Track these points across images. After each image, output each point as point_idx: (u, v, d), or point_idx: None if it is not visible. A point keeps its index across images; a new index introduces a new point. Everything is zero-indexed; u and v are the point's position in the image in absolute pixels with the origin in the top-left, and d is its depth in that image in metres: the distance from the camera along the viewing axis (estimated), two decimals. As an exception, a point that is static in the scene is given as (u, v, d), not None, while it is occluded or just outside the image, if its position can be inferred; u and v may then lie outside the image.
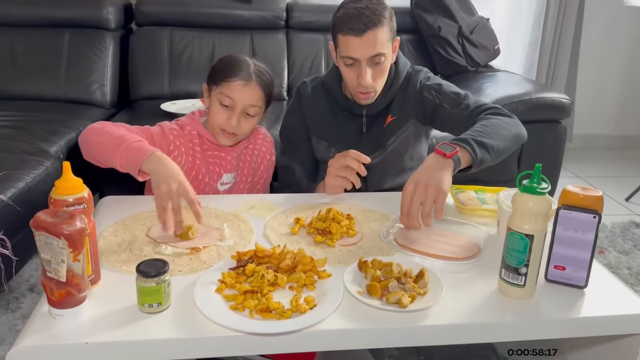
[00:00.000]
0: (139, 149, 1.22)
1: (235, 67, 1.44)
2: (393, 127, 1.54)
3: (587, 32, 3.52)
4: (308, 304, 0.92)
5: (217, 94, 1.44)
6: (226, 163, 1.53)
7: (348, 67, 1.44)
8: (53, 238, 0.83)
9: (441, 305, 0.95)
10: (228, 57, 1.49)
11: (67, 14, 2.64)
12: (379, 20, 1.36)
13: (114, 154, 1.23)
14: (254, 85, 1.43)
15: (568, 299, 1.00)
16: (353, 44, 1.38)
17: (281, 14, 2.82)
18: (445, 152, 1.21)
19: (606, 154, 3.74)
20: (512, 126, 1.37)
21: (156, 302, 0.90)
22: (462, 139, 1.27)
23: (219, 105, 1.44)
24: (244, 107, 1.44)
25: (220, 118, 1.44)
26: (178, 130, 1.48)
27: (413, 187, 1.16)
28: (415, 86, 1.53)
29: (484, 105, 1.45)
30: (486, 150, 1.27)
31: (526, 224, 0.94)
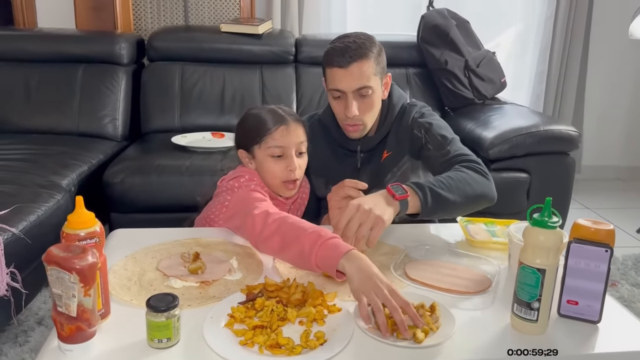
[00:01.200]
0: (336, 245, 1.07)
1: (265, 118, 1.41)
2: (389, 163, 1.55)
3: (593, 64, 3.55)
4: (318, 339, 0.92)
5: (265, 151, 1.40)
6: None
7: (336, 100, 1.46)
8: (65, 273, 0.83)
9: (453, 341, 0.94)
10: (250, 114, 1.45)
11: (81, 49, 2.71)
12: (364, 54, 1.40)
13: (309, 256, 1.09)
14: (292, 124, 1.41)
15: (582, 334, 0.98)
16: (339, 76, 1.41)
17: (290, 49, 2.87)
18: (395, 194, 1.20)
19: (615, 185, 3.72)
20: (479, 185, 1.34)
21: (166, 337, 0.89)
22: (419, 184, 1.25)
23: (271, 160, 1.40)
24: (297, 148, 1.41)
25: (278, 170, 1.40)
26: (257, 181, 1.42)
27: (356, 207, 1.14)
28: (407, 121, 1.54)
29: (463, 156, 1.43)
30: (439, 203, 1.24)
31: (538, 258, 0.94)
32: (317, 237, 1.10)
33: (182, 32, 2.88)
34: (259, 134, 1.40)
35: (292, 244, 1.14)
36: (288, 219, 1.20)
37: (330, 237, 1.10)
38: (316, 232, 1.11)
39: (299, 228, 1.15)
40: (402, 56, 2.94)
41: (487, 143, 2.31)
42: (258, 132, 1.41)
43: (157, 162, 2.23)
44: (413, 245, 1.29)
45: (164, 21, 3.02)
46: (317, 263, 1.09)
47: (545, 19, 3.40)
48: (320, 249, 1.08)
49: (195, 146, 2.38)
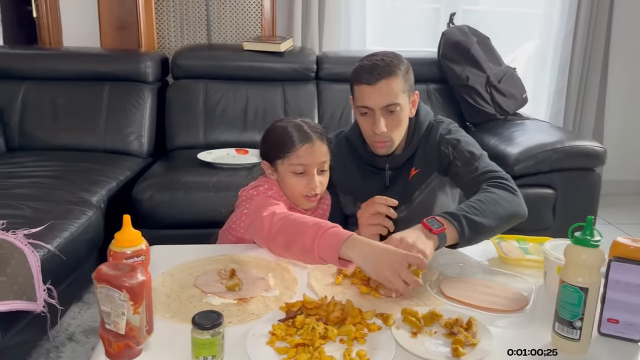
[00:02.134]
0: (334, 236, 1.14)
1: (291, 134, 1.42)
2: (417, 180, 1.55)
3: (613, 78, 3.54)
4: (361, 358, 0.92)
5: (287, 167, 1.42)
6: None
7: (363, 117, 1.48)
8: (115, 290, 0.85)
9: (493, 358, 0.94)
10: (277, 127, 1.47)
11: (108, 68, 2.76)
12: (392, 71, 1.43)
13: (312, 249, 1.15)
14: (317, 142, 1.42)
15: (623, 353, 0.98)
16: (367, 93, 1.43)
17: (312, 66, 2.90)
18: (432, 228, 1.19)
19: (636, 200, 3.69)
20: (510, 204, 1.34)
21: (211, 355, 0.90)
22: (453, 214, 1.24)
23: (293, 176, 1.42)
24: (319, 166, 1.43)
25: (300, 186, 1.42)
26: (275, 190, 1.44)
27: (399, 241, 1.14)
28: (435, 138, 1.54)
29: (492, 172, 1.43)
30: (476, 230, 1.24)
31: (580, 277, 0.94)
32: (317, 229, 1.15)
33: (205, 50, 2.93)
34: (283, 150, 1.42)
35: (295, 240, 1.19)
36: (291, 216, 1.24)
37: (330, 227, 1.15)
38: (316, 224, 1.16)
39: (301, 223, 1.20)
40: (423, 72, 2.94)
41: (512, 159, 2.31)
42: (282, 148, 1.42)
43: (185, 178, 2.26)
44: (446, 262, 1.29)
45: (187, 40, 3.07)
46: (320, 254, 1.14)
47: (564, 35, 3.40)
48: (321, 240, 1.13)
49: (221, 162, 2.40)
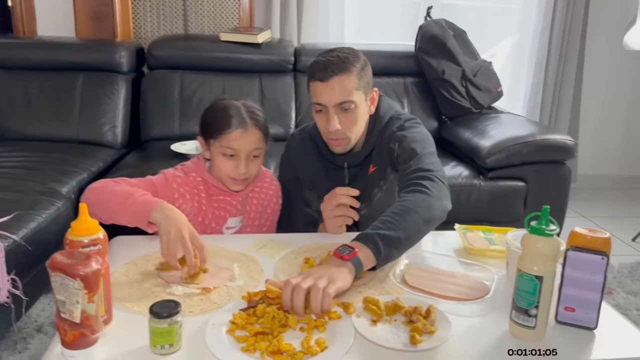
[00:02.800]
0: (144, 202, 1.24)
1: (227, 116, 1.43)
2: (376, 178, 1.54)
3: (589, 74, 3.59)
4: (319, 345, 0.93)
5: (218, 147, 1.44)
6: (231, 207, 1.53)
7: (318, 114, 1.45)
8: (69, 279, 0.84)
9: (452, 347, 0.96)
10: (216, 106, 1.49)
11: (81, 57, 2.72)
12: (346, 68, 1.38)
13: (121, 210, 1.25)
14: (251, 129, 1.44)
15: (579, 341, 1.00)
16: (319, 90, 1.40)
17: (289, 58, 2.89)
18: (343, 255, 1.09)
19: (611, 194, 3.75)
20: (426, 210, 1.25)
21: (168, 344, 0.90)
22: (366, 235, 1.15)
23: (222, 157, 1.45)
24: (249, 152, 1.45)
25: (227, 168, 1.45)
26: (182, 177, 1.48)
27: (292, 287, 1.02)
28: (387, 134, 1.52)
29: (417, 172, 1.35)
30: (393, 245, 1.16)
31: (535, 266, 0.95)
32: (127, 196, 1.25)
33: (181, 40, 2.90)
34: (217, 131, 1.44)
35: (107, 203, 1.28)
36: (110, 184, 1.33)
37: (141, 194, 1.26)
38: (128, 192, 1.27)
39: (111, 191, 1.30)
40: (400, 66, 2.96)
41: (485, 152, 2.33)
42: (216, 128, 1.44)
43: (157, 169, 2.21)
44: (412, 252, 1.30)
45: (163, 30, 3.04)
46: (128, 219, 1.25)
47: (541, 30, 3.43)
48: (131, 206, 1.23)
49: (194, 154, 2.38)
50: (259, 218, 1.60)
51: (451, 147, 2.70)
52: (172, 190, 1.45)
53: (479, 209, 2.32)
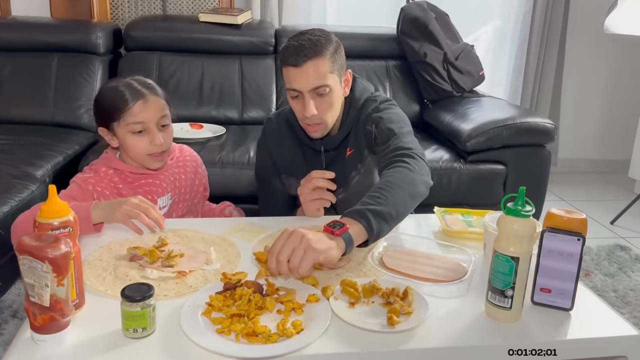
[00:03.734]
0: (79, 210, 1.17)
1: (122, 94, 1.41)
2: (353, 161, 1.52)
3: (570, 58, 3.60)
4: (295, 328, 0.92)
5: (124, 127, 1.41)
6: (157, 187, 1.50)
7: (294, 100, 1.43)
8: (37, 262, 0.82)
9: (429, 327, 0.96)
10: (106, 90, 1.45)
11: (56, 38, 2.65)
12: (319, 51, 1.36)
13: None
14: (151, 98, 1.42)
15: (554, 322, 1.00)
16: (293, 75, 1.38)
17: (270, 40, 2.85)
18: (334, 230, 1.07)
19: (591, 178, 3.79)
20: (410, 185, 1.24)
21: (141, 327, 0.89)
22: (357, 210, 1.13)
23: (133, 136, 1.41)
24: (157, 122, 1.42)
25: (142, 146, 1.42)
26: (94, 176, 1.44)
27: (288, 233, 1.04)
28: (363, 117, 1.51)
29: (398, 150, 1.35)
30: (384, 220, 1.13)
31: (511, 247, 0.95)
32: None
33: (159, 21, 2.84)
34: (117, 111, 1.40)
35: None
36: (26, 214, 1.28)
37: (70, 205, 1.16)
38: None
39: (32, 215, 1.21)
40: (382, 48, 2.94)
41: (465, 135, 2.33)
42: (116, 109, 1.40)
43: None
44: (391, 235, 1.29)
45: (141, 10, 2.98)
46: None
47: (523, 14, 3.43)
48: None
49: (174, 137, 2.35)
50: (190, 192, 1.59)
51: (432, 131, 2.70)
52: (89, 194, 1.41)
53: (459, 192, 2.33)
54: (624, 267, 2.42)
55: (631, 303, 2.13)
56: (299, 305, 0.99)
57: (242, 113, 2.75)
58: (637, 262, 2.48)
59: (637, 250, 2.63)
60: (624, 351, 0.98)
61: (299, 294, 1.02)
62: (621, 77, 3.74)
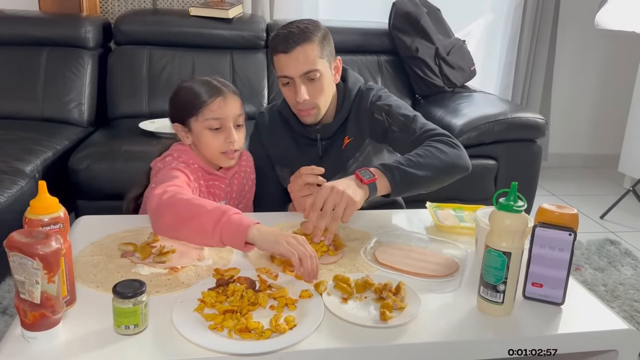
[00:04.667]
0: (239, 221, 1.09)
1: (203, 90, 1.39)
2: (351, 149, 1.54)
3: (560, 53, 3.62)
4: (288, 323, 0.92)
5: (202, 123, 1.38)
6: (220, 191, 1.49)
7: (286, 87, 1.45)
8: (27, 259, 0.81)
9: (422, 322, 0.96)
10: (185, 87, 1.42)
11: (45, 32, 2.63)
12: (307, 37, 1.40)
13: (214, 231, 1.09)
14: (230, 95, 1.40)
15: (546, 316, 1.01)
16: (284, 61, 1.41)
17: (261, 34, 2.84)
18: (363, 178, 1.24)
19: (581, 173, 3.81)
20: (449, 157, 1.35)
21: (133, 324, 0.88)
22: (387, 165, 1.28)
23: (209, 132, 1.38)
24: (235, 120, 1.40)
25: (218, 143, 1.39)
26: (185, 168, 1.39)
27: (330, 189, 1.19)
28: (366, 105, 1.53)
29: (430, 131, 1.43)
30: (408, 181, 1.27)
31: (503, 242, 0.95)
32: (221, 213, 1.09)
33: (150, 15, 2.82)
34: (196, 106, 1.38)
35: (190, 221, 1.11)
36: (183, 195, 1.17)
37: (234, 213, 1.11)
38: (219, 208, 1.11)
39: (197, 205, 1.13)
40: (374, 43, 2.94)
41: (456, 130, 2.33)
42: (195, 105, 1.38)
43: (124, 147, 2.19)
44: (383, 230, 1.30)
45: (131, 4, 2.95)
46: (222, 239, 1.09)
47: (514, 9, 3.44)
48: (226, 224, 1.08)
49: (163, 132, 2.34)
50: (239, 197, 1.58)
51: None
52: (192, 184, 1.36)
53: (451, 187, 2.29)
54: (613, 262, 2.44)
55: (621, 297, 2.15)
56: (291, 301, 0.99)
57: (234, 108, 2.73)
58: (627, 256, 2.50)
59: (626, 244, 2.65)
60: (614, 345, 0.99)
61: (291, 289, 1.02)
62: (611, 72, 3.76)
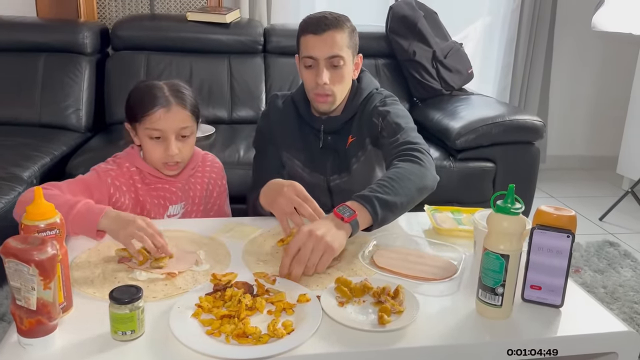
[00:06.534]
0: (88, 210, 1.18)
1: (148, 97, 1.39)
2: (354, 149, 1.56)
3: (558, 55, 3.62)
4: (286, 328, 0.91)
5: (143, 130, 1.39)
6: (171, 194, 1.49)
7: (307, 70, 1.48)
8: (23, 265, 0.81)
9: (420, 326, 0.95)
10: (139, 88, 1.44)
11: (43, 38, 2.63)
12: (339, 24, 1.44)
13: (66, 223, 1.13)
14: (175, 108, 1.39)
15: (545, 319, 1.00)
16: (312, 42, 1.44)
17: (259, 39, 2.85)
18: (343, 216, 1.15)
19: (579, 175, 3.81)
20: (419, 178, 1.31)
21: (129, 330, 0.88)
22: (364, 196, 1.20)
23: (150, 141, 1.40)
24: (176, 133, 1.40)
25: (157, 152, 1.40)
26: (115, 169, 1.43)
27: (307, 235, 1.09)
28: (370, 108, 1.55)
29: (408, 144, 1.41)
30: (389, 209, 1.21)
31: (501, 244, 0.95)
32: (68, 208, 1.16)
33: (147, 20, 2.82)
34: (140, 112, 1.39)
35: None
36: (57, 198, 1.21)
37: (83, 204, 1.17)
38: (67, 204, 1.17)
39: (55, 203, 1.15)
40: (371, 47, 2.94)
41: (454, 133, 2.34)
42: (139, 110, 1.39)
43: (123, 153, 2.18)
44: (381, 234, 1.29)
45: (128, 10, 2.96)
46: (74, 230, 1.16)
47: (511, 11, 3.44)
48: (75, 217, 1.15)
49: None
50: (205, 203, 1.57)
51: (422, 129, 2.64)
52: (106, 186, 1.39)
53: (449, 190, 2.33)
54: (613, 263, 2.44)
55: (620, 299, 2.15)
56: (289, 305, 0.99)
57: (232, 112, 2.74)
58: (626, 257, 2.50)
59: (625, 246, 2.65)
60: (614, 347, 0.98)
61: (289, 294, 1.02)
62: (609, 74, 3.77)
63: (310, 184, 1.51)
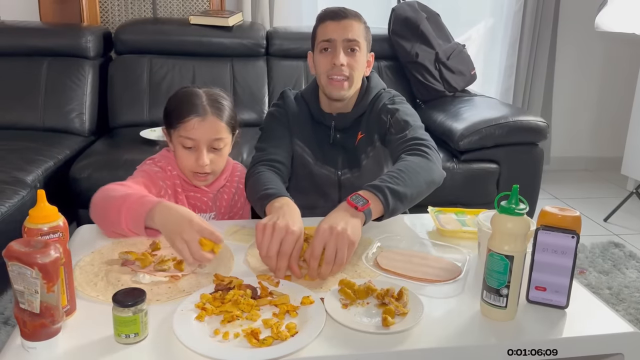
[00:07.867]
0: (141, 203, 1.13)
1: (186, 104, 1.38)
2: (363, 145, 1.56)
3: (561, 56, 3.62)
4: (290, 331, 0.91)
5: (177, 138, 1.39)
6: (202, 204, 1.49)
7: (322, 54, 1.48)
8: (26, 268, 0.81)
9: (424, 328, 0.95)
10: (178, 94, 1.43)
11: (46, 42, 2.64)
12: (357, 16, 1.49)
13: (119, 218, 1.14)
14: (211, 118, 1.38)
15: (550, 320, 1.00)
16: (330, 27, 1.46)
17: (261, 42, 2.85)
18: (357, 205, 1.16)
19: (583, 176, 3.80)
20: (426, 172, 1.33)
21: (133, 333, 0.87)
22: (376, 186, 1.22)
23: (182, 149, 1.39)
24: (209, 144, 1.39)
25: (188, 161, 1.39)
26: (161, 172, 1.43)
27: (329, 231, 1.09)
28: (378, 106, 1.56)
29: (415, 140, 1.43)
30: (399, 200, 1.23)
31: (506, 245, 0.95)
32: (122, 200, 1.13)
33: (150, 24, 2.83)
34: (175, 119, 1.38)
35: (106, 214, 1.16)
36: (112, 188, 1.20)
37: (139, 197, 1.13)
38: (124, 196, 1.14)
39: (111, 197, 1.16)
40: (374, 49, 2.89)
41: (458, 135, 2.33)
42: (175, 117, 1.38)
43: (125, 156, 2.19)
44: (385, 236, 1.29)
45: (131, 13, 2.97)
46: (127, 225, 1.13)
47: (514, 13, 3.44)
48: (129, 211, 1.11)
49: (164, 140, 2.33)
50: (229, 212, 1.57)
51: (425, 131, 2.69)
52: (158, 187, 1.38)
53: (453, 192, 2.33)
54: (618, 264, 2.43)
55: (626, 300, 2.14)
56: (293, 307, 0.98)
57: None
58: (631, 258, 2.49)
59: (630, 247, 2.64)
60: (620, 348, 0.98)
61: (293, 296, 1.02)
62: (612, 74, 3.76)
63: (320, 176, 1.54)
